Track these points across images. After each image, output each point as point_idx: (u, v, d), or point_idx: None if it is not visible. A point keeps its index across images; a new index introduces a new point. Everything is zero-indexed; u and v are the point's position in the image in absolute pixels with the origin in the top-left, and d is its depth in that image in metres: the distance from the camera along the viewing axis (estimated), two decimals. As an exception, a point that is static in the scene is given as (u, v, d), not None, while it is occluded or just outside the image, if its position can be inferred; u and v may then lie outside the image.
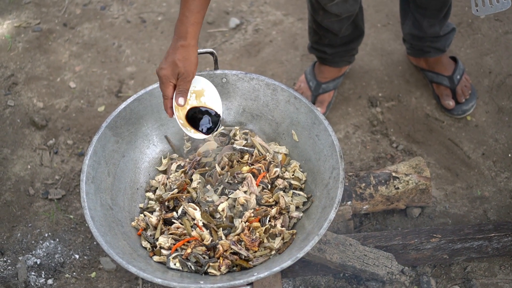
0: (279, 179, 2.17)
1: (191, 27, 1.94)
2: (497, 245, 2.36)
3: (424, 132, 2.88)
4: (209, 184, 2.18)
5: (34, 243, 2.57)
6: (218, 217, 2.09)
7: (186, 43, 1.94)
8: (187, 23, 1.94)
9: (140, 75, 3.19)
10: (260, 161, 2.19)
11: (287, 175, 2.20)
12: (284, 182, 2.16)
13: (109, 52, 3.30)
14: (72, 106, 3.06)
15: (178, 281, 1.83)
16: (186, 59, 1.95)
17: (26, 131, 2.96)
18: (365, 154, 2.81)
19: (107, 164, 2.14)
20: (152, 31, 3.40)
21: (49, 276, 2.47)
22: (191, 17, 1.93)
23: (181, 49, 1.94)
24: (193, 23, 1.94)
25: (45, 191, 2.73)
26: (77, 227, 2.61)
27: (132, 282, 2.44)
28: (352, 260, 2.24)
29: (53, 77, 3.20)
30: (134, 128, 2.25)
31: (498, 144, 2.82)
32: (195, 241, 2.02)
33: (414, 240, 2.33)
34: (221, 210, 2.08)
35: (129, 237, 2.04)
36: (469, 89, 2.94)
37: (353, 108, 2.98)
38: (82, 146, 2.89)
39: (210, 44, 3.32)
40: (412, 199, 2.50)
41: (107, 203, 2.07)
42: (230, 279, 1.83)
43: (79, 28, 3.42)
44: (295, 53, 3.26)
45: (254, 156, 2.21)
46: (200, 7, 1.94)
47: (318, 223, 1.95)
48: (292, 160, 2.25)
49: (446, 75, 2.94)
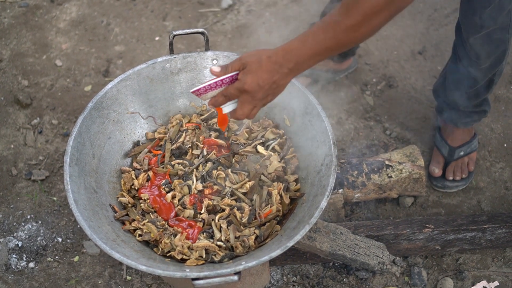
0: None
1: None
2: (491, 236, 2.32)
3: (419, 120, 2.82)
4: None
5: (16, 225, 2.50)
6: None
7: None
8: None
9: (129, 54, 3.11)
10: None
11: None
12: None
13: (97, 30, 3.22)
14: (58, 84, 2.98)
15: (163, 268, 1.77)
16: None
17: (10, 109, 2.88)
18: (358, 141, 2.76)
19: (92, 146, 2.08)
20: (142, 10, 3.32)
21: (31, 259, 2.41)
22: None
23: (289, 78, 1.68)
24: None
25: (28, 171, 2.66)
26: (60, 209, 2.55)
27: (116, 267, 2.39)
28: (342, 249, 2.19)
29: (39, 54, 3.12)
30: (121, 109, 2.18)
31: (494, 133, 2.77)
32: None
33: (406, 230, 2.28)
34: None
35: (113, 222, 1.98)
36: (464, 172, 2.60)
37: (346, 94, 2.92)
38: (67, 126, 2.82)
39: (201, 24, 3.25)
40: (405, 188, 2.45)
41: (91, 186, 2.01)
42: (217, 268, 1.78)
43: (67, 4, 3.34)
44: (288, 35, 3.19)
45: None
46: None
47: (309, 211, 1.90)
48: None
49: (450, 144, 2.62)
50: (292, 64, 1.62)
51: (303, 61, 1.62)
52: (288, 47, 1.62)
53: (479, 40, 2.21)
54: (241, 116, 1.72)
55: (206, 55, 2.21)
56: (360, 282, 2.33)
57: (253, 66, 1.64)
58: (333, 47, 1.59)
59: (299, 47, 1.61)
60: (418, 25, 3.22)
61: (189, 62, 2.22)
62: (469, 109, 2.49)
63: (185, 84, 2.25)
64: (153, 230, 1.96)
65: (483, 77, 2.35)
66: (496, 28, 2.15)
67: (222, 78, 1.68)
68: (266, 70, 1.63)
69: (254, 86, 1.64)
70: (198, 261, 1.92)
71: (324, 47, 1.59)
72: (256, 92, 1.65)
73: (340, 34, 1.57)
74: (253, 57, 1.65)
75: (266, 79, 1.63)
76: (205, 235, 1.97)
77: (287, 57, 1.62)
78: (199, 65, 2.23)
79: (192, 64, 2.22)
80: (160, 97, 2.24)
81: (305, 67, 1.65)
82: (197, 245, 1.93)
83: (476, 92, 2.41)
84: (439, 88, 2.54)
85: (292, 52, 1.62)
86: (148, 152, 2.17)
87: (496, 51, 2.24)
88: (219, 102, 1.73)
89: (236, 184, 2.06)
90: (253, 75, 1.63)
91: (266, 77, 1.63)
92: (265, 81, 1.63)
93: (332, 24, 1.57)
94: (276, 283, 2.33)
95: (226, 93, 1.69)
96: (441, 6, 3.29)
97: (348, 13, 1.53)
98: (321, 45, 1.59)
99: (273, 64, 1.62)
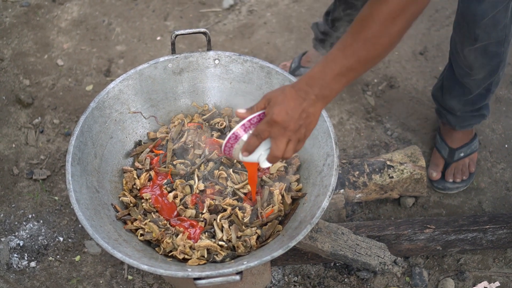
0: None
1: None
2: (492, 237, 2.32)
3: (420, 120, 2.82)
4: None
5: (18, 224, 2.50)
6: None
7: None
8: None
9: (130, 54, 3.11)
10: None
11: None
12: None
13: (98, 30, 3.22)
14: (59, 84, 2.98)
15: (165, 268, 1.77)
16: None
17: (12, 108, 2.88)
18: (359, 141, 2.76)
19: (94, 145, 2.08)
20: (143, 10, 3.32)
21: (32, 258, 2.41)
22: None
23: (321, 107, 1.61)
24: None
25: (29, 171, 2.66)
26: (62, 209, 2.55)
27: (118, 267, 2.39)
28: (344, 249, 2.19)
29: (41, 54, 3.12)
30: (123, 108, 2.18)
31: (495, 134, 2.77)
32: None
33: (407, 230, 2.28)
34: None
35: (115, 222, 1.98)
36: (465, 174, 2.60)
37: (348, 94, 2.92)
38: (68, 125, 2.82)
39: (202, 24, 3.25)
40: (406, 189, 2.45)
41: (93, 186, 2.01)
42: (219, 268, 1.77)
43: (68, 4, 3.34)
44: (289, 35, 3.19)
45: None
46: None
47: (311, 211, 1.89)
48: None
49: (449, 145, 2.63)
50: (317, 89, 1.55)
51: (327, 85, 1.55)
52: (310, 73, 1.57)
53: (473, 52, 2.19)
54: (278, 153, 1.60)
55: (208, 55, 2.21)
56: (361, 283, 2.32)
57: (278, 98, 1.57)
58: (354, 65, 1.53)
59: (320, 71, 1.55)
60: (420, 25, 3.22)
61: (191, 62, 2.22)
62: (467, 113, 2.49)
63: (187, 84, 2.24)
64: (155, 230, 1.96)
65: (476, 87, 2.34)
66: (491, 42, 2.14)
67: (249, 118, 1.61)
68: (291, 98, 1.56)
69: (283, 115, 1.56)
70: (200, 260, 1.91)
71: (346, 66, 1.53)
72: (287, 122, 1.56)
73: (359, 50, 1.51)
74: (277, 91, 1.60)
75: (294, 107, 1.56)
76: (207, 235, 1.97)
77: (311, 83, 1.56)
78: (201, 65, 2.23)
79: (194, 64, 2.22)
80: (162, 97, 2.24)
81: (332, 92, 1.57)
82: (199, 245, 1.92)
83: (472, 100, 2.41)
84: (437, 92, 2.55)
85: (314, 77, 1.56)
86: (150, 151, 2.17)
87: (490, 63, 2.23)
88: (252, 145, 1.63)
89: (237, 184, 2.06)
90: (280, 105, 1.56)
91: (293, 105, 1.56)
92: (293, 109, 1.56)
93: (350, 42, 1.52)
94: (277, 283, 2.33)
95: (257, 132, 1.60)
96: (442, 7, 3.29)
97: (364, 25, 1.49)
98: (342, 65, 1.53)
99: (298, 92, 1.56)
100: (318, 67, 1.56)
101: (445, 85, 2.46)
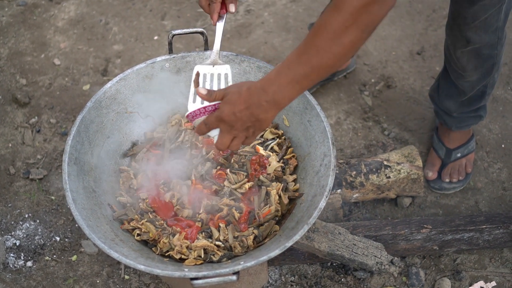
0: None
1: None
2: (488, 237, 2.32)
3: (417, 120, 2.83)
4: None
5: (14, 223, 2.50)
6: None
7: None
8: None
9: (127, 53, 3.11)
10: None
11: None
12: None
13: (95, 29, 3.22)
14: (56, 83, 2.98)
15: (161, 268, 1.76)
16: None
17: (8, 108, 2.88)
18: (356, 141, 2.76)
19: (91, 145, 2.07)
20: (140, 9, 3.32)
21: (29, 258, 2.41)
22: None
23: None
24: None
25: (26, 170, 2.66)
26: (58, 208, 2.54)
27: (114, 267, 2.39)
28: (341, 249, 2.19)
29: (37, 53, 3.11)
30: (119, 108, 2.18)
31: (492, 134, 2.77)
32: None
33: (404, 230, 2.29)
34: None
35: (112, 222, 1.98)
36: (461, 174, 2.60)
37: (345, 94, 2.92)
38: (65, 125, 2.82)
39: (200, 23, 3.25)
40: (403, 189, 2.45)
41: (90, 186, 2.01)
42: (216, 268, 1.77)
43: (65, 3, 3.33)
44: (287, 35, 3.19)
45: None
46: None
47: (308, 211, 1.89)
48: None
49: (446, 145, 2.62)
50: (270, 95, 1.55)
51: (280, 91, 1.54)
52: (267, 76, 1.56)
53: (466, 55, 2.19)
54: (220, 145, 1.66)
55: (205, 55, 2.20)
56: (358, 282, 2.33)
57: (232, 96, 1.59)
58: (308, 73, 1.51)
59: (275, 76, 1.55)
60: (417, 25, 3.22)
61: (188, 62, 2.21)
62: (464, 114, 2.50)
63: (184, 84, 2.24)
64: (151, 230, 1.96)
65: (471, 89, 2.34)
66: (483, 45, 2.13)
67: (205, 106, 1.66)
68: (243, 101, 1.57)
69: (231, 116, 1.59)
70: (196, 260, 1.91)
71: (300, 74, 1.52)
72: (233, 122, 1.60)
73: (313, 58, 1.49)
74: (235, 88, 1.61)
75: (243, 110, 1.58)
76: (204, 235, 1.97)
77: (265, 87, 1.55)
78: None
79: (191, 64, 2.22)
80: (159, 96, 2.24)
81: (285, 99, 1.56)
82: (195, 245, 1.92)
83: (468, 102, 2.42)
84: (433, 93, 2.55)
85: (269, 82, 1.55)
86: (147, 151, 2.17)
87: (483, 65, 2.23)
88: (201, 131, 1.69)
89: (235, 184, 2.06)
90: (230, 105, 1.58)
91: (242, 108, 1.57)
92: (242, 112, 1.58)
93: (304, 49, 1.51)
94: (274, 283, 2.33)
95: (207, 121, 1.65)
96: (440, 7, 3.30)
97: (317, 33, 1.48)
98: (295, 72, 1.52)
99: (251, 96, 1.56)
100: (275, 71, 1.55)
101: (441, 86, 2.47)
